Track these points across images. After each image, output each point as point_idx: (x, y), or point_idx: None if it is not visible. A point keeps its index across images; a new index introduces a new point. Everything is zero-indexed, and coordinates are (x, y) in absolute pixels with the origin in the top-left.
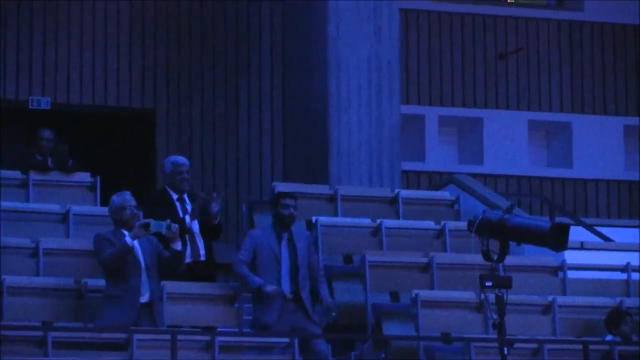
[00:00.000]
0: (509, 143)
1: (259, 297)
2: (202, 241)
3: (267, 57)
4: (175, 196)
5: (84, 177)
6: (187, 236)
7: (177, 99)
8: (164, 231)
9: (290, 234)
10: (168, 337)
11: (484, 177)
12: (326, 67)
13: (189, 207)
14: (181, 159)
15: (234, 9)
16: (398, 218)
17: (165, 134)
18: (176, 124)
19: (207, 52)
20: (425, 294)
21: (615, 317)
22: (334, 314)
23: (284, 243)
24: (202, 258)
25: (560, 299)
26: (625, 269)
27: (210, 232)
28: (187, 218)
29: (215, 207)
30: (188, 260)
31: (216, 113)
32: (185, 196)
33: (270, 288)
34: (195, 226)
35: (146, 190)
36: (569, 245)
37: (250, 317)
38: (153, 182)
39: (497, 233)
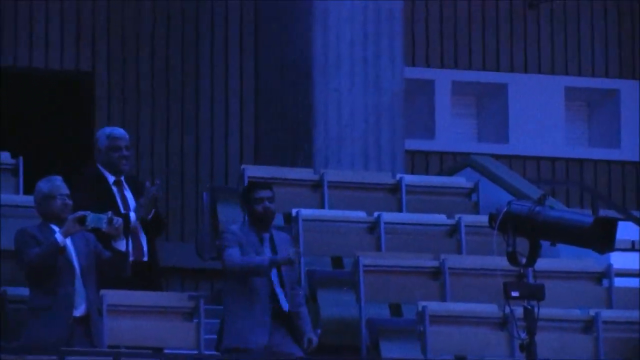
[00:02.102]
0: (541, 116)
1: (242, 309)
2: (144, 237)
3: (235, 5)
4: (111, 179)
5: (4, 157)
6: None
7: (121, 60)
8: (104, 227)
9: (272, 234)
10: (109, 359)
11: (509, 159)
12: (310, 19)
13: (128, 195)
14: (119, 131)
15: None
16: (401, 211)
17: (106, 103)
18: (120, 91)
19: (160, 1)
20: (434, 306)
21: None
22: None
23: (266, 246)
24: (145, 258)
25: (605, 313)
26: None
27: (151, 226)
28: (133, 215)
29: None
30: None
31: (170, 78)
32: (124, 180)
33: (287, 253)
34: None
35: (76, 173)
36: (617, 245)
37: (213, 336)
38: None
39: (525, 230)
